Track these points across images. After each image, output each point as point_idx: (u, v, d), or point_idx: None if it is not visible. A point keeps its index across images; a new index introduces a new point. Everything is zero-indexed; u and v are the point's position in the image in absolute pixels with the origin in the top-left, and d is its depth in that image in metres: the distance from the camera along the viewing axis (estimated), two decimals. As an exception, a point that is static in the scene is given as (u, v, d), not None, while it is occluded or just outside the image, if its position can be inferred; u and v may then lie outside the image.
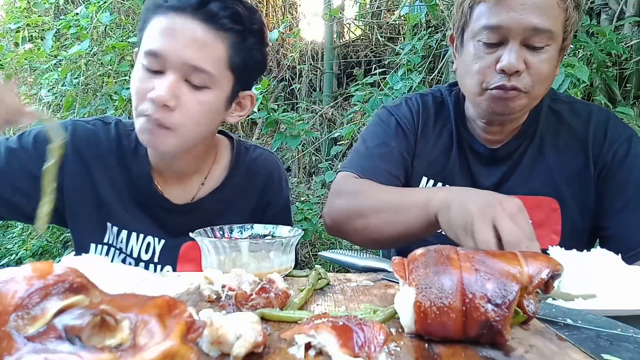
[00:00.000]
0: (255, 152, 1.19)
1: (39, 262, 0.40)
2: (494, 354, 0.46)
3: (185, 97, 0.91)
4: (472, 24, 1.01)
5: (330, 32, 4.13)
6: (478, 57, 0.99)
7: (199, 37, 0.90)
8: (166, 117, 0.90)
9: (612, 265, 0.73)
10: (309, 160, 4.02)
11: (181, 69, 0.90)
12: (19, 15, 3.36)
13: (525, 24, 0.93)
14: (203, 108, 0.94)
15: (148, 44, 0.91)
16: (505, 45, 0.96)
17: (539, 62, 0.96)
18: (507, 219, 0.74)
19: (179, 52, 0.89)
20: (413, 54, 2.87)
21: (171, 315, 0.36)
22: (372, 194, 1.01)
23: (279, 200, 1.18)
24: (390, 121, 1.19)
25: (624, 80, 2.49)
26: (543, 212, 1.07)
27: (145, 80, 0.92)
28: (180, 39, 0.89)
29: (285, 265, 0.76)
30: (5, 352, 0.32)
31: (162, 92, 0.88)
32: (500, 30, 0.95)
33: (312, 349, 0.44)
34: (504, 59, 0.95)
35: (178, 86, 0.90)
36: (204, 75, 0.91)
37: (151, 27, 0.92)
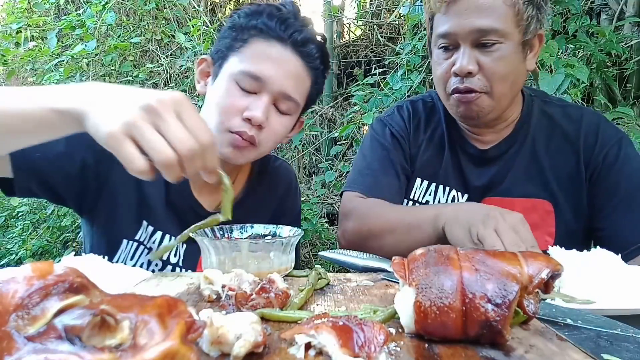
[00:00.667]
0: (276, 161, 1.27)
1: (39, 262, 0.40)
2: (494, 354, 0.46)
3: (272, 118, 1.00)
4: (433, 34, 1.07)
5: (330, 32, 4.13)
6: (438, 63, 1.06)
7: (297, 70, 1.00)
8: (257, 135, 0.98)
9: (612, 265, 0.73)
10: (309, 160, 4.02)
11: (276, 95, 0.98)
12: (20, 16, 3.35)
13: (469, 26, 0.97)
14: (283, 129, 1.04)
15: (250, 66, 0.97)
16: (457, 49, 1.01)
17: (491, 61, 0.99)
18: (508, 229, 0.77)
19: (279, 80, 0.97)
20: (413, 54, 2.86)
21: (171, 315, 0.36)
22: (382, 215, 1.06)
23: (295, 208, 1.26)
24: (385, 133, 1.24)
25: (624, 80, 2.49)
26: (537, 214, 1.09)
27: (238, 98, 0.97)
28: (283, 69, 0.97)
29: (285, 265, 0.76)
30: (6, 352, 0.32)
31: (260, 114, 0.95)
32: (450, 36, 1.01)
33: (312, 349, 0.44)
34: (457, 63, 1.00)
35: (271, 109, 0.99)
36: (291, 104, 1.01)
37: (252, 50, 0.98)
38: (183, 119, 0.61)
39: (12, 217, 3.66)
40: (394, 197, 1.14)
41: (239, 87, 0.97)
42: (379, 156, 1.20)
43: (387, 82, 2.82)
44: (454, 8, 0.99)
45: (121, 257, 1.03)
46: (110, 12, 2.84)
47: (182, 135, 0.60)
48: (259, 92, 0.97)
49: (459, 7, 0.99)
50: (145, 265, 1.04)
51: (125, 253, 1.03)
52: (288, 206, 1.23)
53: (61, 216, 3.23)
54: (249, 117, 0.95)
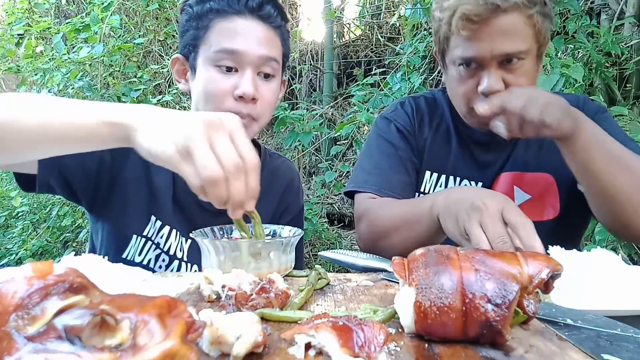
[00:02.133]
0: (278, 159, 1.29)
1: (39, 262, 0.40)
2: (494, 354, 0.46)
3: (261, 88, 1.02)
4: (450, 52, 1.07)
5: (330, 32, 4.13)
6: (461, 81, 1.06)
7: (265, 35, 1.02)
8: (253, 110, 1.01)
9: (612, 266, 0.73)
10: (309, 160, 4.02)
11: (256, 63, 1.00)
12: (20, 16, 3.35)
13: (497, 52, 0.98)
14: (274, 95, 1.06)
15: (222, 44, 0.99)
16: (483, 68, 1.02)
17: (515, 78, 1.01)
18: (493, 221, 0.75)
19: (254, 50, 0.99)
20: (413, 54, 2.87)
21: (171, 315, 0.36)
22: (386, 213, 1.06)
23: (297, 204, 1.26)
24: (391, 129, 1.23)
25: (624, 80, 2.49)
26: (540, 187, 1.14)
27: (223, 80, 0.99)
28: (253, 39, 1.00)
29: (285, 265, 0.76)
30: (5, 352, 0.32)
31: (249, 88, 0.98)
32: (475, 60, 1.01)
33: (312, 349, 0.44)
34: (484, 83, 1.01)
35: (256, 80, 1.01)
36: (274, 64, 1.03)
37: (217, 32, 1.00)
38: (234, 140, 0.65)
39: (12, 217, 3.66)
40: (406, 194, 1.15)
41: (220, 69, 0.99)
42: (387, 154, 1.20)
43: (386, 83, 2.82)
44: (478, 34, 0.99)
45: (130, 252, 1.03)
46: (113, 14, 2.84)
47: (231, 154, 0.64)
48: (240, 68, 0.99)
49: (483, 33, 0.99)
50: (153, 261, 1.04)
51: (134, 248, 1.04)
52: (290, 204, 1.24)
53: (61, 216, 3.23)
54: (241, 95, 0.98)
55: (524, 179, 1.16)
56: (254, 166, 0.66)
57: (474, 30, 0.98)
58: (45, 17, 3.78)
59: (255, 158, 0.66)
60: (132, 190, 1.05)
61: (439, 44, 1.11)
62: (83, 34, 2.83)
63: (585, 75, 2.06)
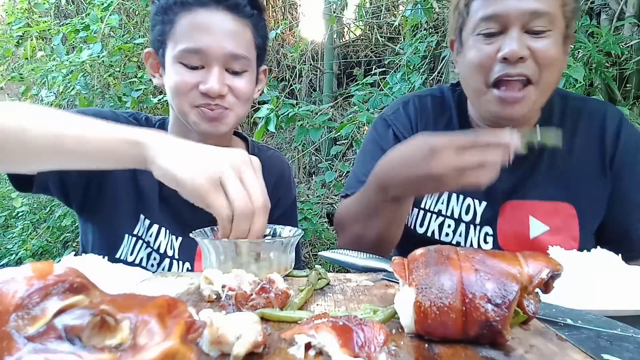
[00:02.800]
0: (268, 152, 1.26)
1: (39, 262, 0.40)
2: (494, 354, 0.46)
3: (233, 84, 1.00)
4: (469, 21, 0.99)
5: (331, 32, 4.13)
6: (478, 49, 0.96)
7: (231, 27, 0.98)
8: (222, 101, 0.99)
9: (612, 265, 0.73)
10: (309, 160, 4.02)
11: (223, 59, 0.97)
12: (20, 16, 3.36)
13: (523, 8, 0.91)
14: (248, 88, 1.03)
15: (185, 43, 0.96)
16: (504, 33, 0.93)
17: (543, 46, 0.92)
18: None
19: (219, 45, 0.96)
20: (413, 54, 2.86)
21: (171, 315, 0.36)
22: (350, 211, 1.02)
23: (288, 197, 1.24)
24: (388, 135, 1.15)
25: (624, 80, 2.49)
26: (560, 218, 1.03)
27: (188, 76, 0.97)
28: (218, 32, 0.96)
29: (285, 265, 0.76)
30: (6, 352, 0.32)
31: (214, 84, 0.95)
32: (498, 19, 0.93)
33: (312, 349, 0.44)
34: (505, 47, 0.91)
35: (224, 76, 0.98)
36: (243, 61, 0.99)
37: (181, 26, 0.97)
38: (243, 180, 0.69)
39: (12, 217, 3.67)
40: None
41: (186, 66, 0.97)
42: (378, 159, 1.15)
43: (386, 82, 2.82)
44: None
45: (123, 251, 1.03)
46: (113, 14, 2.84)
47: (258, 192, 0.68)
48: (206, 65, 0.97)
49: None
50: (145, 259, 1.05)
51: (127, 248, 1.04)
52: (281, 196, 1.21)
53: (61, 216, 3.24)
54: (205, 92, 0.96)
55: (542, 208, 1.04)
56: (267, 208, 0.70)
57: None
58: (45, 17, 3.78)
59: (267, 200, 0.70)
60: (121, 190, 1.05)
61: (457, 20, 1.03)
62: (82, 33, 2.83)
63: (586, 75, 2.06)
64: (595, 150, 1.05)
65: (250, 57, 1.02)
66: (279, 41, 4.43)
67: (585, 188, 1.04)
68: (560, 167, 1.05)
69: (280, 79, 4.47)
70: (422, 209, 1.13)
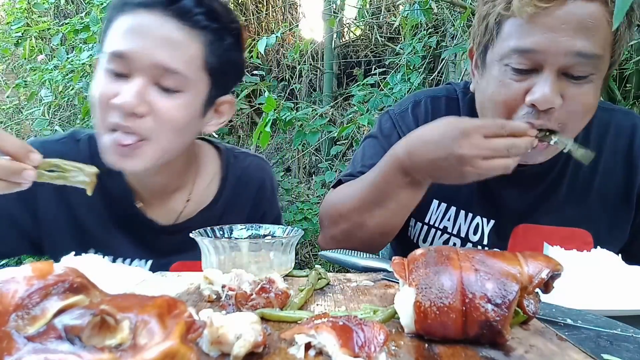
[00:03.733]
0: (246, 160, 1.11)
1: (39, 262, 0.40)
2: (494, 354, 0.46)
3: (158, 103, 0.82)
4: (498, 44, 0.84)
5: (330, 32, 4.13)
6: (504, 84, 0.82)
7: (170, 35, 0.82)
8: (138, 125, 0.81)
9: (612, 265, 0.73)
10: (309, 160, 4.02)
11: (151, 71, 0.82)
12: (19, 16, 3.36)
13: (567, 47, 0.75)
14: (180, 114, 0.85)
15: (112, 45, 0.82)
16: (539, 72, 0.79)
17: (580, 94, 0.79)
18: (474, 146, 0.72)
19: (148, 52, 0.81)
20: (413, 54, 2.87)
21: (171, 315, 0.36)
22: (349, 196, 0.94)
23: (273, 209, 1.12)
24: (392, 135, 1.05)
25: (624, 80, 2.49)
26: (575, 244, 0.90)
27: (107, 86, 0.82)
28: (150, 38, 0.81)
29: (285, 265, 0.76)
30: (6, 352, 0.32)
31: (129, 97, 0.79)
32: (534, 55, 0.78)
33: (312, 349, 0.44)
34: (537, 91, 0.78)
35: (147, 91, 0.82)
36: (176, 77, 0.83)
37: (116, 27, 0.84)
38: None
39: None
40: None
41: (110, 73, 0.83)
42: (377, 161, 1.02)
43: (387, 83, 2.82)
44: (546, 19, 0.75)
45: None
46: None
47: None
48: (130, 74, 0.82)
49: (554, 19, 0.75)
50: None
51: None
52: (265, 210, 1.09)
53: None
54: (117, 104, 0.79)
55: (558, 235, 0.95)
56: None
57: (541, 10, 0.75)
58: (45, 17, 3.77)
59: None
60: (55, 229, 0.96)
61: (483, 35, 0.87)
62: (82, 34, 2.83)
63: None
64: (620, 172, 0.96)
65: (191, 76, 0.85)
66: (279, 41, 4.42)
67: (605, 215, 0.95)
68: (580, 191, 0.96)
69: (280, 79, 4.47)
70: (427, 224, 1.06)
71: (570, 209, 0.96)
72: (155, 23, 0.82)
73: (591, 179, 0.97)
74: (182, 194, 1.04)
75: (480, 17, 0.88)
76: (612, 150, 0.97)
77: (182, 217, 1.03)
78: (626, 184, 0.96)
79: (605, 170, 0.96)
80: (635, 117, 1.01)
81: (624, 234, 0.98)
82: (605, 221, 0.96)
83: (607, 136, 0.97)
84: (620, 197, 0.96)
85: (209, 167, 1.07)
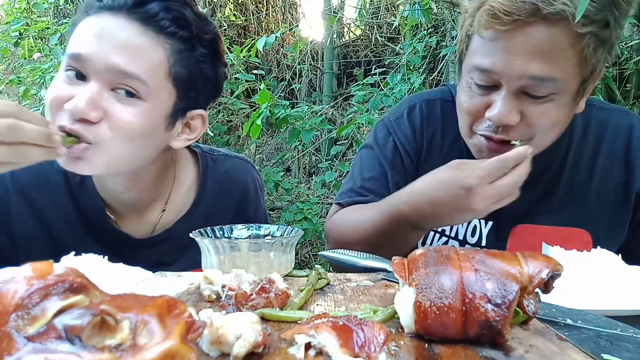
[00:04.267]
0: (226, 163, 1.06)
1: (38, 262, 0.40)
2: (494, 354, 0.46)
3: (113, 109, 0.79)
4: (467, 57, 0.86)
5: (330, 32, 4.13)
6: (470, 95, 0.85)
7: (132, 39, 0.79)
8: (87, 130, 0.78)
9: (612, 265, 0.73)
10: (309, 160, 4.02)
11: (107, 75, 0.79)
12: (19, 16, 3.36)
13: (520, 71, 0.76)
14: (136, 121, 0.81)
15: (72, 47, 0.80)
16: (498, 89, 0.81)
17: (540, 112, 0.79)
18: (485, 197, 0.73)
19: (105, 54, 0.78)
20: (413, 55, 2.87)
21: (171, 315, 0.36)
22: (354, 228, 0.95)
23: (258, 212, 1.09)
24: (387, 145, 1.04)
25: (624, 80, 2.49)
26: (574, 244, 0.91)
27: (62, 89, 0.80)
28: (109, 41, 0.78)
29: (285, 265, 0.76)
30: (6, 352, 0.32)
31: (81, 102, 0.76)
32: (491, 74, 0.80)
33: (312, 349, 0.44)
34: (494, 109, 0.80)
35: (102, 96, 0.79)
36: (135, 83, 0.79)
37: (79, 29, 0.81)
38: None
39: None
40: None
41: (67, 76, 0.80)
42: (376, 174, 1.04)
43: (387, 83, 2.82)
44: (504, 41, 0.76)
45: None
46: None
47: None
48: (87, 77, 0.79)
49: (511, 42, 0.76)
50: None
51: None
52: (249, 212, 1.06)
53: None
54: (68, 109, 0.77)
55: (556, 235, 0.95)
56: None
57: (499, 33, 0.76)
58: (45, 17, 3.77)
59: None
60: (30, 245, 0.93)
61: (459, 44, 0.91)
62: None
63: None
64: (618, 172, 0.96)
65: (152, 83, 0.81)
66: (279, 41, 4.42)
67: (604, 214, 0.96)
68: (578, 191, 0.96)
69: (280, 79, 4.47)
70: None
71: (568, 209, 0.96)
72: (118, 27, 0.79)
73: (589, 178, 0.97)
74: (158, 204, 1.00)
75: (460, 26, 0.90)
76: (610, 150, 0.97)
77: (158, 229, 1.00)
78: (624, 184, 0.96)
79: (603, 170, 0.97)
80: (632, 116, 1.01)
81: (623, 233, 0.98)
82: (604, 220, 0.96)
83: (604, 136, 0.97)
84: (619, 197, 0.97)
85: (186, 173, 1.03)
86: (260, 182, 1.14)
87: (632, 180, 0.96)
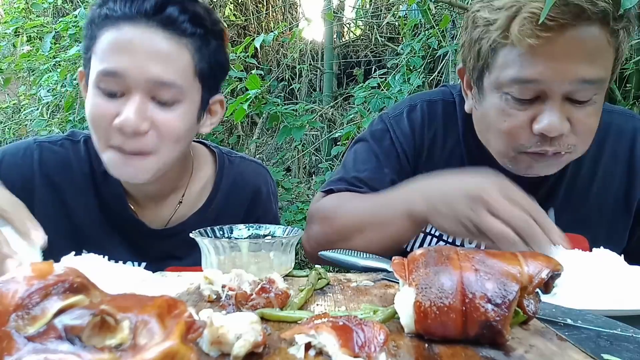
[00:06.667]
0: (241, 165, 1.09)
1: (39, 262, 0.40)
2: (494, 354, 0.46)
3: (158, 118, 0.83)
4: (495, 71, 0.81)
5: (330, 32, 4.13)
6: (507, 113, 0.80)
7: (160, 47, 0.81)
8: (142, 143, 0.82)
9: (612, 265, 0.73)
10: (309, 160, 4.02)
11: (146, 87, 0.81)
12: (17, 16, 3.36)
13: (571, 76, 0.73)
14: (180, 124, 0.85)
15: (102, 63, 0.81)
16: (543, 100, 0.77)
17: (585, 116, 0.77)
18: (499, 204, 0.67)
19: (141, 68, 0.79)
20: (413, 55, 2.87)
21: (171, 315, 0.36)
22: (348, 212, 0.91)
23: (267, 216, 1.10)
24: (384, 141, 1.02)
25: (624, 80, 2.49)
26: None
27: (104, 106, 0.81)
28: (140, 53, 0.79)
29: (285, 265, 0.76)
30: (6, 352, 0.32)
31: (131, 116, 0.79)
32: (537, 85, 0.76)
33: (312, 349, 0.44)
34: (544, 120, 0.76)
35: (146, 107, 0.81)
36: (172, 89, 0.83)
37: (102, 43, 0.82)
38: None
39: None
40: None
41: (103, 92, 0.82)
42: (370, 168, 1.01)
43: (387, 84, 2.82)
44: (547, 48, 0.72)
45: None
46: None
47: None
48: (126, 92, 0.81)
49: (555, 48, 0.72)
50: None
51: None
52: (259, 214, 1.07)
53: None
54: (119, 126, 0.79)
55: None
56: None
57: (542, 40, 0.72)
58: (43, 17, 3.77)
59: None
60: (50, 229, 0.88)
61: (477, 59, 0.83)
62: (71, 31, 2.83)
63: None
64: (620, 177, 0.94)
65: (185, 85, 0.85)
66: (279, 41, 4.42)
67: (603, 220, 0.94)
68: (578, 196, 0.94)
69: (280, 79, 4.47)
70: (422, 232, 1.04)
71: (567, 214, 0.94)
72: (142, 36, 0.80)
73: (589, 184, 0.95)
74: (176, 197, 1.04)
75: (471, 40, 0.85)
76: (612, 153, 0.95)
77: (173, 221, 1.03)
78: (626, 189, 0.95)
79: (604, 174, 0.95)
80: (636, 119, 0.99)
81: (622, 239, 0.97)
82: (603, 226, 0.95)
83: (607, 139, 0.96)
84: (620, 202, 0.95)
85: (203, 170, 1.07)
86: (274, 189, 1.15)
87: (633, 187, 0.94)
